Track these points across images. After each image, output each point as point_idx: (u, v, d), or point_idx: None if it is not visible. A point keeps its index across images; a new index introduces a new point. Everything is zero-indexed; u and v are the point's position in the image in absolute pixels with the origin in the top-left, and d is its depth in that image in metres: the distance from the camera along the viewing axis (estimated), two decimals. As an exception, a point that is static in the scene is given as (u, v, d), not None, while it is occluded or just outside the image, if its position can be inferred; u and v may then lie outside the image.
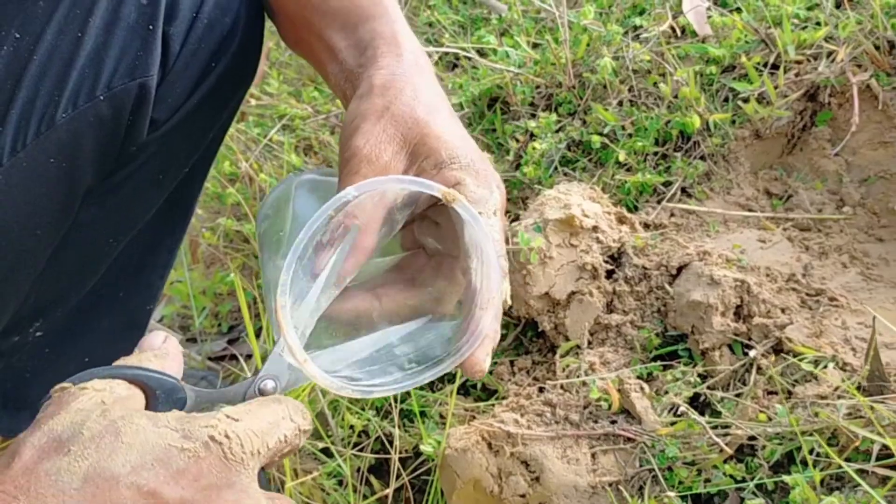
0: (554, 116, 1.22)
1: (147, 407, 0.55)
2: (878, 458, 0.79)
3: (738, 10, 1.25)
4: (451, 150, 0.67)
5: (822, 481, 0.81)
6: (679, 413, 0.90)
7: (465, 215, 0.61)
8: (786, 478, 0.81)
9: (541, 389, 0.97)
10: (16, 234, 0.79)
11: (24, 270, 0.83)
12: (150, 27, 0.77)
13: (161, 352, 0.58)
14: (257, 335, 1.19)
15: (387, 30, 0.74)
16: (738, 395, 0.90)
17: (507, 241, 0.87)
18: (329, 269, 0.60)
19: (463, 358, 0.62)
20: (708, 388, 0.92)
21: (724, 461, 0.85)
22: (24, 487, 0.46)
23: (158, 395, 0.55)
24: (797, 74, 1.14)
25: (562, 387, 0.95)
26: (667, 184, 1.14)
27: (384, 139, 0.66)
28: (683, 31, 1.26)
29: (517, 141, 1.24)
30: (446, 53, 1.42)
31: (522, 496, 0.88)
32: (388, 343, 0.64)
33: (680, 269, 0.99)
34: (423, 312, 0.66)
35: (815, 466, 0.81)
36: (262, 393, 0.59)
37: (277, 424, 0.53)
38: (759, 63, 1.16)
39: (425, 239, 0.69)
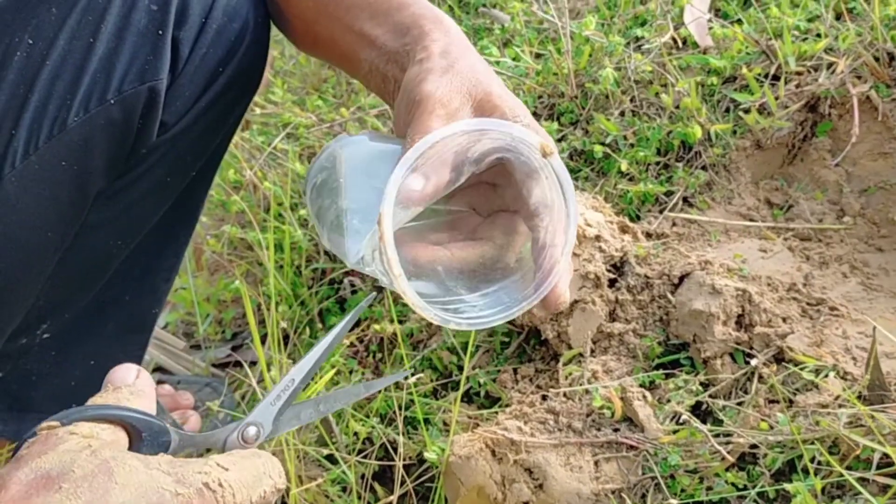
0: (556, 126, 1.23)
1: (131, 449, 0.54)
2: (878, 467, 0.80)
3: (739, 21, 1.26)
4: (514, 109, 0.70)
5: (823, 489, 0.81)
6: (681, 421, 0.90)
7: (560, 172, 0.65)
8: (787, 486, 0.82)
9: (544, 397, 0.98)
10: (27, 236, 0.80)
11: (34, 272, 0.84)
12: (160, 32, 0.78)
13: (136, 389, 0.57)
14: (262, 342, 1.20)
15: (427, 12, 0.77)
16: (739, 404, 0.90)
17: None
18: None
19: (548, 289, 0.66)
20: (710, 396, 0.93)
21: (726, 469, 0.86)
22: None
23: (144, 438, 0.55)
24: (798, 86, 1.15)
25: (565, 395, 0.96)
26: (668, 193, 1.15)
27: (453, 88, 0.69)
28: (685, 42, 1.27)
29: (520, 150, 1.25)
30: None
31: (526, 503, 0.89)
32: (460, 296, 0.67)
33: (682, 279, 1.00)
34: (488, 262, 0.69)
35: (816, 475, 0.82)
36: (244, 439, 0.59)
37: (260, 479, 0.54)
38: (759, 74, 1.17)
39: (478, 200, 0.73)
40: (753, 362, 0.92)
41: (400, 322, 1.15)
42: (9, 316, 0.87)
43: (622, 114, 1.22)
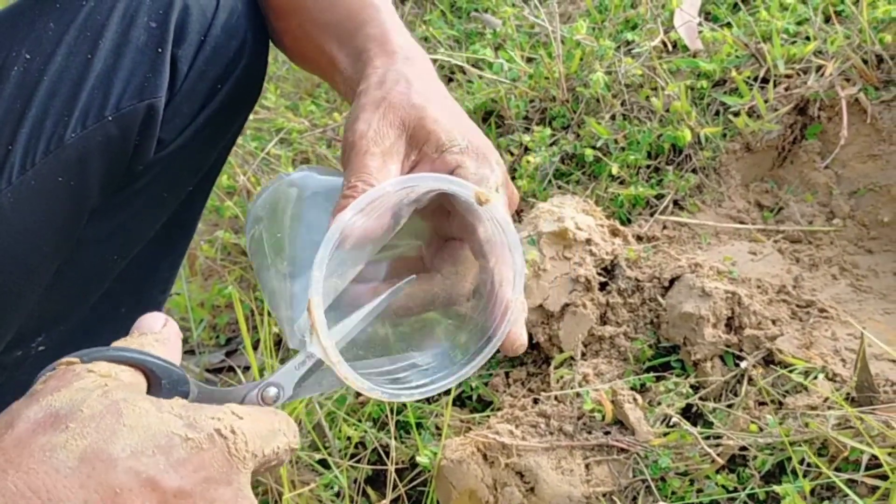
0: (548, 130, 1.23)
1: (149, 394, 0.52)
2: (866, 469, 0.80)
3: (729, 25, 1.27)
4: (449, 134, 0.68)
5: (812, 491, 0.82)
6: (672, 424, 0.91)
7: (501, 220, 0.62)
8: (777, 488, 0.82)
9: (535, 401, 0.98)
10: (22, 250, 0.80)
11: (29, 286, 0.84)
12: (160, 49, 0.78)
13: (162, 337, 0.56)
14: (254, 347, 1.20)
15: (377, 32, 0.76)
16: (729, 406, 0.91)
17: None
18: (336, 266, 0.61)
19: (503, 337, 0.63)
20: (700, 398, 0.93)
21: (716, 471, 0.86)
22: (14, 461, 0.44)
23: (163, 385, 0.53)
24: (787, 88, 1.15)
25: (556, 398, 0.97)
26: (659, 196, 1.15)
27: (385, 123, 0.68)
28: (675, 45, 1.28)
29: (511, 154, 1.25)
30: (442, 67, 1.44)
31: (517, 507, 0.90)
32: (410, 360, 0.65)
33: (672, 281, 1.01)
34: (440, 298, 0.67)
35: (805, 476, 0.82)
36: (263, 399, 0.58)
37: (273, 435, 0.52)
38: (749, 77, 1.18)
39: (438, 226, 0.71)
40: (743, 364, 0.92)
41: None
42: (3, 329, 0.88)
43: (613, 117, 1.22)
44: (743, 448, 0.87)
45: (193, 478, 0.46)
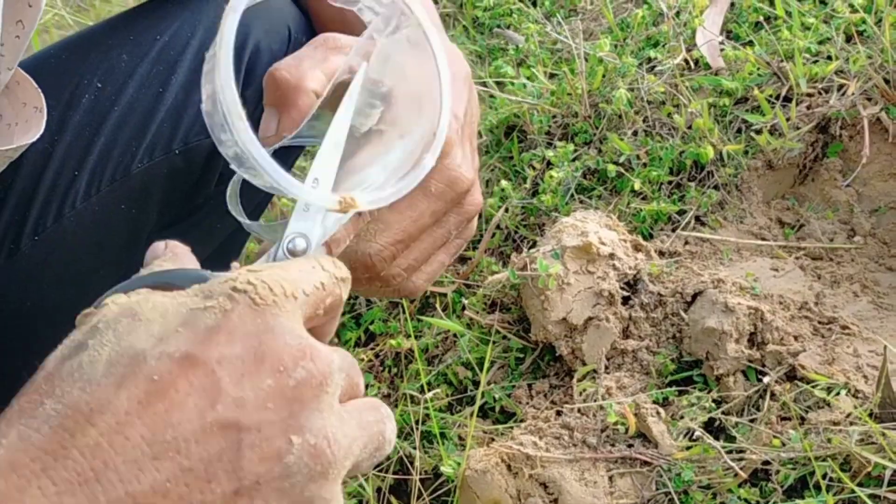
0: (570, 146, 1.25)
1: None
2: (889, 484, 0.81)
3: (751, 43, 1.28)
4: None
5: (835, 506, 0.83)
6: (694, 437, 0.92)
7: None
8: (799, 502, 0.83)
9: (558, 413, 0.99)
10: (79, 274, 0.82)
11: (81, 307, 0.86)
12: None
13: (168, 254, 0.52)
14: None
15: None
16: (752, 421, 0.92)
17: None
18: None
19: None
20: (723, 413, 0.94)
21: (739, 485, 0.87)
22: (47, 392, 0.42)
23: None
24: (809, 107, 1.17)
25: (579, 410, 0.98)
26: (681, 212, 1.17)
27: None
28: (697, 63, 1.29)
29: (534, 169, 1.27)
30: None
31: (541, 517, 0.91)
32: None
33: (695, 297, 1.02)
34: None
35: (828, 491, 0.83)
36: (291, 254, 0.52)
37: (309, 273, 0.47)
38: (771, 96, 1.19)
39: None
40: (766, 380, 0.93)
41: (416, 337, 1.17)
42: (50, 344, 0.90)
43: (635, 133, 1.24)
44: (766, 462, 0.88)
45: (229, 341, 0.43)
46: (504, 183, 1.25)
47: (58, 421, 0.40)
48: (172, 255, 0.52)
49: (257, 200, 0.93)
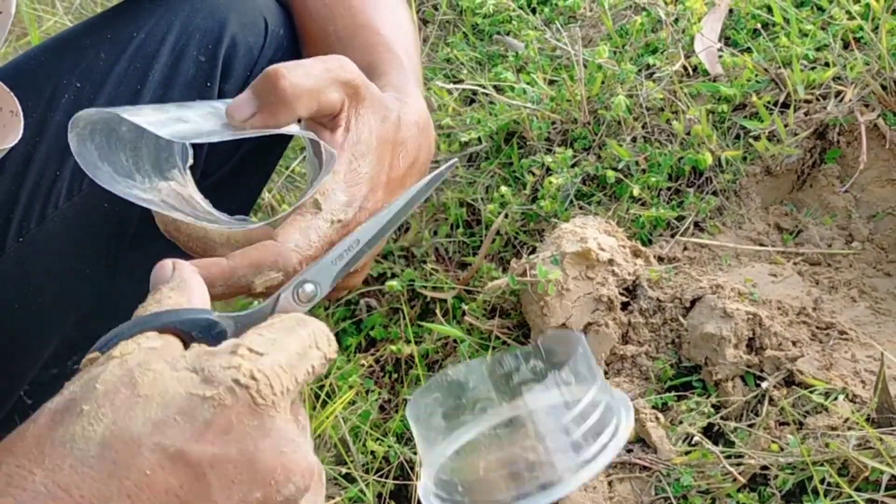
0: (569, 152, 1.25)
1: (186, 350, 0.47)
2: (886, 489, 0.81)
3: (749, 50, 1.29)
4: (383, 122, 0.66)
5: (833, 510, 0.83)
6: (693, 442, 0.92)
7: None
8: (798, 507, 0.84)
9: (558, 418, 1.00)
10: (65, 275, 0.82)
11: (70, 308, 0.86)
12: (208, 84, 0.81)
13: (175, 283, 0.50)
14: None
15: (400, 81, 0.74)
16: (750, 426, 0.92)
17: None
18: None
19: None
20: (721, 418, 0.95)
21: (738, 490, 0.88)
22: (38, 459, 0.41)
23: (195, 336, 0.48)
24: (807, 113, 1.17)
25: (579, 416, 0.98)
26: (680, 218, 1.17)
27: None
28: (695, 70, 1.30)
29: (533, 175, 1.28)
30: (464, 89, 1.46)
31: (541, 522, 0.91)
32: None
33: (693, 302, 1.02)
34: None
35: (826, 496, 0.83)
36: (299, 298, 0.53)
37: (306, 355, 0.46)
38: (769, 102, 1.20)
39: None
40: (764, 385, 0.94)
41: (416, 343, 1.18)
42: (42, 348, 0.90)
43: (634, 140, 1.24)
44: (764, 467, 0.88)
45: (224, 440, 0.42)
46: (504, 189, 1.26)
47: (45, 502, 0.40)
48: (180, 280, 0.51)
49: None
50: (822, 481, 0.84)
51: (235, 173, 0.87)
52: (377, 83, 0.71)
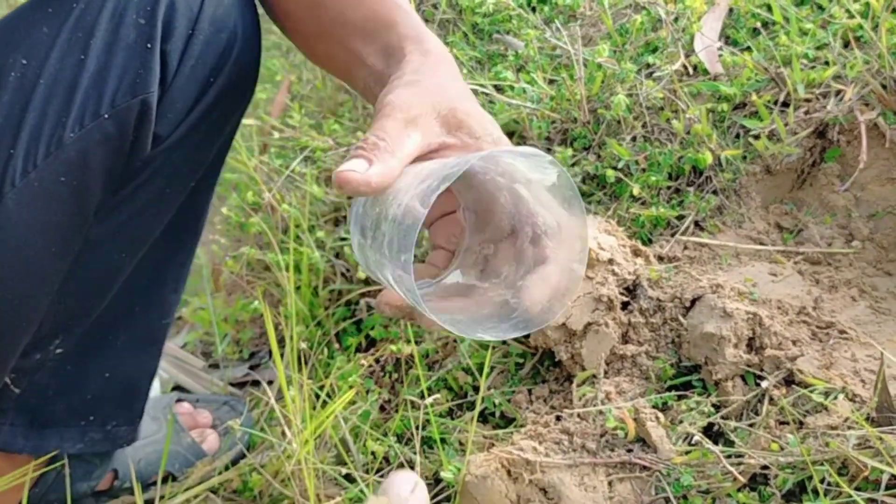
0: (569, 151, 1.25)
1: None
2: (887, 488, 0.81)
3: (749, 49, 1.29)
4: (482, 125, 0.72)
5: (833, 510, 0.83)
6: (693, 442, 0.92)
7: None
8: (798, 506, 0.84)
9: (558, 418, 1.00)
10: (31, 253, 0.82)
11: (39, 289, 0.86)
12: (149, 45, 0.80)
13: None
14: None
15: (412, 32, 0.79)
16: (750, 425, 0.92)
17: None
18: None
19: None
20: (721, 417, 0.95)
21: (738, 490, 0.88)
22: None
23: None
24: (806, 112, 1.17)
25: (579, 415, 0.98)
26: (680, 217, 1.17)
27: (413, 97, 0.71)
28: (695, 69, 1.30)
29: (534, 174, 1.27)
30: (464, 88, 1.46)
31: (541, 522, 0.91)
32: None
33: (693, 302, 1.02)
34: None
35: (826, 495, 0.83)
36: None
37: None
38: (769, 101, 1.20)
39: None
40: (764, 384, 0.94)
41: (416, 343, 1.18)
42: (20, 333, 0.89)
43: (634, 139, 1.24)
44: (764, 467, 0.88)
45: None
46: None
47: None
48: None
49: None
50: (821, 481, 0.84)
51: (190, 136, 0.86)
52: (388, 34, 0.76)
